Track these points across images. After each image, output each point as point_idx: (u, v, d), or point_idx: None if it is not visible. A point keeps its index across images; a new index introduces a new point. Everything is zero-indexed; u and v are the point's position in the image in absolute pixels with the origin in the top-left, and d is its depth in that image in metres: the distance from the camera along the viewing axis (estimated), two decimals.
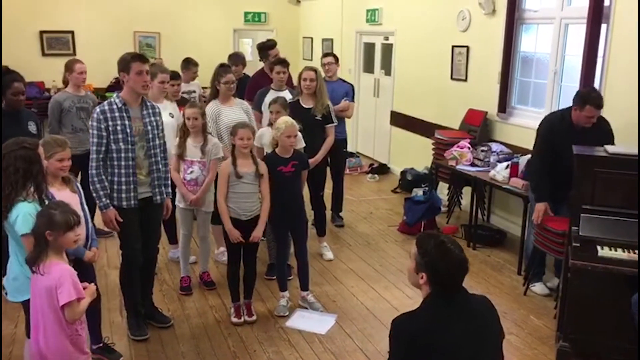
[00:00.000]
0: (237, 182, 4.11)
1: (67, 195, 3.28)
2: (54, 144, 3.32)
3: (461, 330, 2.20)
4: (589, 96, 4.38)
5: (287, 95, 5.36)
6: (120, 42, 10.29)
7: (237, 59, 6.55)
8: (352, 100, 6.35)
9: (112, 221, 3.76)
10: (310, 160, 4.78)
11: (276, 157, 4.29)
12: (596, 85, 5.12)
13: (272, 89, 5.53)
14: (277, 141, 4.25)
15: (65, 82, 5.62)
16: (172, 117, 4.97)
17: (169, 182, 4.11)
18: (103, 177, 3.73)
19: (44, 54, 10.34)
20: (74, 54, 10.18)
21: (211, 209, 4.72)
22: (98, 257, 3.55)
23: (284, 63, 5.56)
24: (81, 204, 3.39)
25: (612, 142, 4.36)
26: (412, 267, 2.33)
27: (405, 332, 2.23)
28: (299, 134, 4.44)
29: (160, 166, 3.95)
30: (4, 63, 4.84)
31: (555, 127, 4.57)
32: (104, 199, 3.73)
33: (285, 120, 4.26)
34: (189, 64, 6.66)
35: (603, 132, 4.44)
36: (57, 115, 5.46)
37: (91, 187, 3.74)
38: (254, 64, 8.70)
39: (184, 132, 4.50)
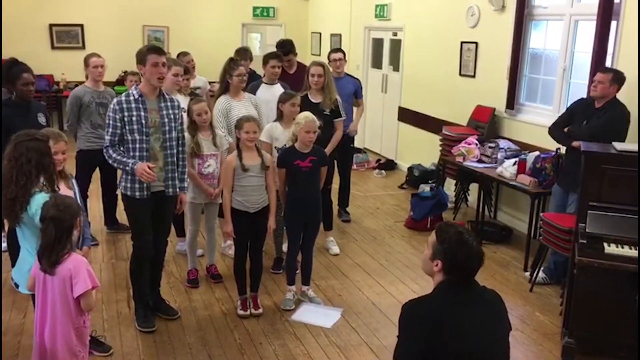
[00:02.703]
0: (243, 175, 4.13)
1: (63, 189, 3.29)
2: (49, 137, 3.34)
3: (471, 317, 2.22)
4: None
5: (279, 89, 5.33)
6: (129, 36, 10.37)
7: (244, 54, 6.53)
8: (361, 96, 6.37)
9: (146, 170, 3.68)
10: None
11: (294, 151, 4.29)
12: None
13: (264, 82, 5.50)
14: (297, 136, 4.27)
15: (87, 78, 5.61)
16: (185, 111, 4.98)
17: (186, 176, 4.13)
18: (120, 151, 3.77)
19: (53, 47, 10.42)
20: (83, 47, 10.25)
21: (220, 200, 4.76)
22: (87, 256, 3.51)
23: (278, 57, 5.54)
24: (75, 199, 3.41)
25: (609, 122, 4.50)
26: (428, 255, 2.35)
27: (415, 315, 2.25)
28: None
29: (176, 159, 3.96)
30: (13, 55, 4.85)
31: (576, 105, 4.91)
32: (129, 160, 3.73)
33: (305, 115, 4.27)
34: (178, 57, 6.54)
35: (610, 115, 4.56)
36: (76, 110, 5.41)
37: (113, 163, 3.78)
38: (261, 60, 8.70)
39: (194, 129, 4.50)
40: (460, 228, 2.34)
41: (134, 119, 3.74)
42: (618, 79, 4.59)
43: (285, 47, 6.21)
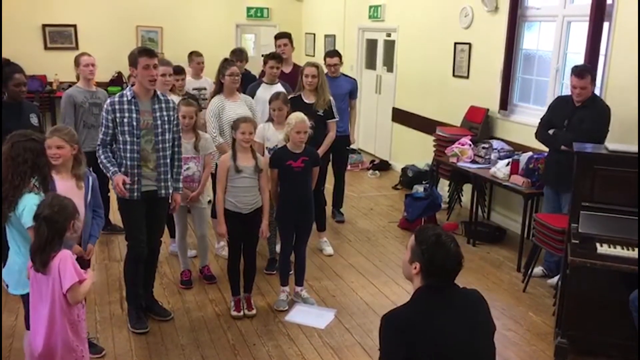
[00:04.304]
0: (236, 176, 4.13)
1: (68, 187, 3.28)
2: None
3: (451, 322, 2.19)
4: (574, 66, 4.70)
5: (279, 88, 5.34)
6: (122, 37, 10.33)
7: (239, 54, 6.53)
8: (355, 96, 6.37)
9: (119, 185, 3.71)
10: None
11: (286, 151, 4.30)
12: (598, 82, 5.11)
13: (265, 82, 5.51)
14: (289, 136, 4.27)
15: (78, 78, 5.58)
16: None
17: (181, 177, 4.13)
18: (110, 154, 3.80)
19: (46, 48, 10.36)
20: (77, 48, 10.19)
21: (205, 205, 4.76)
22: (90, 255, 3.50)
23: (277, 58, 5.53)
24: (85, 200, 3.39)
25: (594, 123, 4.51)
26: (407, 258, 2.34)
27: (395, 325, 2.22)
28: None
29: (169, 160, 3.96)
30: (5, 56, 4.84)
31: (557, 102, 4.96)
32: (112, 168, 3.77)
33: (296, 115, 4.27)
34: (191, 55, 6.62)
35: (589, 113, 4.58)
36: (70, 111, 5.36)
37: (100, 165, 3.82)
38: (256, 60, 8.69)
39: None
40: (439, 230, 2.32)
41: (125, 120, 3.74)
42: (593, 76, 4.63)
43: (281, 33, 6.23)
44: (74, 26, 10.45)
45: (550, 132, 4.86)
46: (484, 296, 2.37)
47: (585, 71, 4.61)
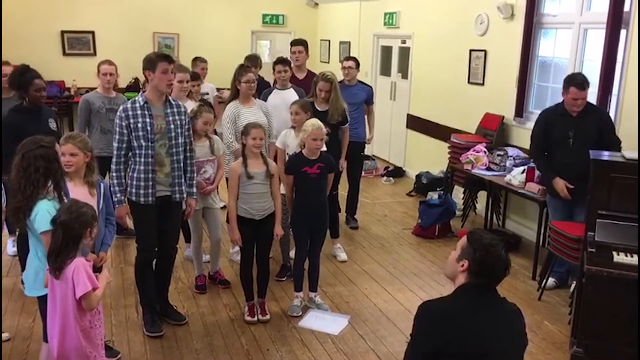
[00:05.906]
0: (248, 183, 4.14)
1: (82, 194, 3.30)
2: None
3: (489, 324, 2.21)
4: (571, 78, 4.61)
5: (292, 93, 5.37)
6: (139, 43, 10.42)
7: (254, 61, 6.57)
8: (372, 102, 6.39)
9: (123, 217, 3.88)
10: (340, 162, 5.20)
11: (302, 157, 4.32)
12: (615, 90, 5.10)
13: (277, 88, 5.54)
14: (305, 143, 4.29)
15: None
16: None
17: (194, 182, 4.16)
18: (122, 174, 3.86)
19: (64, 54, 10.51)
20: (95, 54, 10.34)
21: (218, 206, 4.80)
22: (103, 262, 3.48)
23: (284, 62, 5.54)
24: (97, 207, 3.40)
25: (610, 130, 4.51)
26: (455, 256, 2.36)
27: (432, 313, 2.25)
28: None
29: (182, 165, 4.00)
30: (25, 62, 4.92)
31: (549, 117, 4.79)
32: (119, 195, 3.86)
33: (312, 122, 4.29)
34: (195, 60, 6.66)
35: (602, 121, 4.56)
36: (86, 115, 5.44)
37: (109, 182, 3.86)
38: (271, 67, 8.72)
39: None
40: (492, 235, 2.37)
41: (139, 125, 3.78)
42: (589, 85, 4.58)
43: (297, 40, 6.28)
44: (92, 32, 10.59)
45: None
46: None
47: (586, 82, 4.53)
